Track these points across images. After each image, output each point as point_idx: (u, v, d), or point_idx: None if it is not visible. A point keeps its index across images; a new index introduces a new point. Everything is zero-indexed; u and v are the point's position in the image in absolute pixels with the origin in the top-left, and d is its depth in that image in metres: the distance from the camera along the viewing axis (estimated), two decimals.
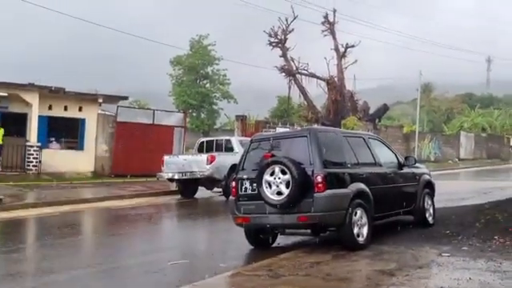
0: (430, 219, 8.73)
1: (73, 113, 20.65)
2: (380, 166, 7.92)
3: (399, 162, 8.46)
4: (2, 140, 18.67)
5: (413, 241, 7.37)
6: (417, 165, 9.03)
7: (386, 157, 8.26)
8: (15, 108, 19.59)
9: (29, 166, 18.82)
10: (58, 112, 20.27)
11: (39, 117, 19.21)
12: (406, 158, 8.75)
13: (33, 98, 19.05)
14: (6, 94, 19.12)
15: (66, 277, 6.32)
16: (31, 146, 18.91)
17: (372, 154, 7.91)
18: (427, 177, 9.04)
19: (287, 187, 6.65)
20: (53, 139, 20.40)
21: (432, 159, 37.99)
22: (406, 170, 8.49)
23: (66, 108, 20.48)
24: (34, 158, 18.88)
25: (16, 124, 19.48)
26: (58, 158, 19.68)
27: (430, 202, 8.84)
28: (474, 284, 5.05)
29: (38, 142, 19.10)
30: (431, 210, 8.84)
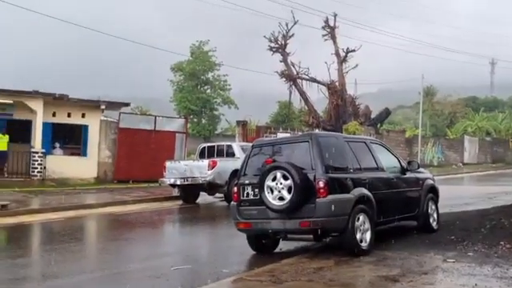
0: (434, 224, 8.67)
1: (76, 119, 20.73)
2: (383, 170, 7.90)
3: (402, 167, 8.43)
4: (8, 147, 18.76)
5: (416, 246, 7.34)
6: (420, 169, 8.98)
7: (388, 161, 8.23)
8: (20, 115, 19.69)
9: (33, 172, 18.88)
10: (61, 119, 20.36)
11: (43, 123, 19.28)
12: (409, 163, 8.71)
13: (37, 105, 19.14)
14: (11, 102, 19.25)
15: (70, 282, 6.35)
16: (36, 153, 18.98)
17: (374, 159, 7.89)
18: (431, 181, 8.99)
19: (289, 192, 6.64)
20: (57, 145, 20.49)
21: (435, 164, 37.88)
22: (409, 174, 8.46)
23: (69, 115, 20.57)
24: (38, 165, 18.95)
25: (21, 131, 19.55)
26: (61, 164, 19.75)
27: (433, 207, 8.78)
28: None
29: (43, 148, 19.17)
30: (435, 216, 8.78)
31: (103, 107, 21.26)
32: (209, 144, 17.80)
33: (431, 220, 8.63)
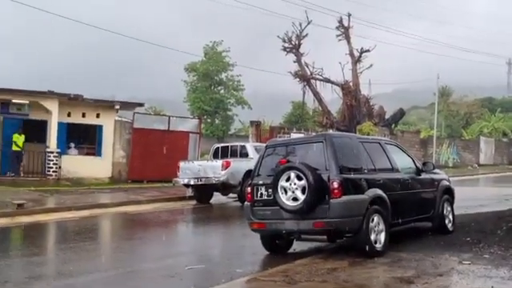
0: (450, 226, 8.60)
1: (91, 119, 20.93)
2: (397, 171, 7.84)
3: (417, 168, 8.37)
4: (23, 146, 19.03)
5: (432, 248, 7.27)
6: (435, 170, 8.91)
7: (403, 162, 8.17)
8: (35, 115, 19.94)
9: (49, 171, 19.11)
10: (76, 119, 20.58)
11: (59, 123, 19.50)
12: (424, 164, 8.64)
13: (52, 106, 19.37)
14: (26, 102, 19.52)
15: (85, 280, 6.41)
16: (51, 152, 19.21)
17: (389, 160, 7.83)
18: (446, 183, 8.91)
19: (303, 193, 6.62)
20: (72, 145, 20.71)
21: (450, 165, 37.50)
22: (424, 175, 8.39)
23: (84, 115, 20.78)
24: (53, 164, 19.17)
25: (36, 131, 19.82)
26: (76, 164, 19.95)
27: (449, 209, 8.69)
28: None
29: (58, 148, 19.38)
30: (450, 217, 8.70)
31: (117, 107, 21.44)
32: (222, 144, 17.85)
33: (446, 221, 8.54)
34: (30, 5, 20.76)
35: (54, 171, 19.15)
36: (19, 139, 18.91)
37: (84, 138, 21.26)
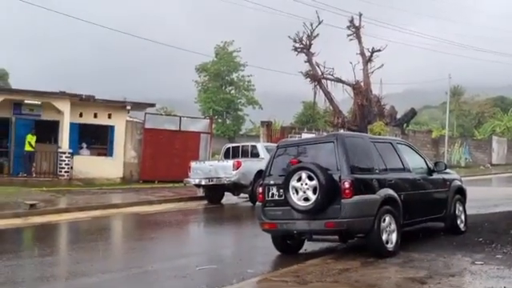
0: (462, 226, 8.54)
1: (102, 120, 21.09)
2: (409, 171, 7.80)
3: (429, 168, 8.32)
4: (35, 147, 19.23)
5: (444, 248, 7.22)
6: (447, 170, 8.85)
7: (414, 162, 8.13)
8: (48, 116, 20.13)
9: (61, 171, 19.28)
10: (88, 119, 20.75)
11: (70, 124, 19.67)
12: (436, 164, 8.59)
13: (64, 106, 19.55)
14: (39, 103, 19.73)
15: (97, 280, 6.45)
16: (63, 153, 19.38)
17: (400, 160, 7.80)
18: (458, 183, 8.85)
19: (314, 193, 6.61)
20: (83, 146, 20.88)
21: (462, 164, 37.19)
22: (435, 175, 8.34)
23: (95, 115, 20.95)
24: (65, 165, 19.34)
25: (48, 131, 20.03)
26: (88, 164, 20.11)
27: (461, 209, 8.64)
28: None
29: (70, 148, 19.55)
30: (463, 217, 8.64)
31: (129, 108, 21.58)
32: (233, 144, 17.87)
33: (458, 221, 8.49)
34: (40, 5, 20.95)
35: (65, 171, 19.31)
36: (33, 139, 19.12)
37: (96, 139, 21.44)
